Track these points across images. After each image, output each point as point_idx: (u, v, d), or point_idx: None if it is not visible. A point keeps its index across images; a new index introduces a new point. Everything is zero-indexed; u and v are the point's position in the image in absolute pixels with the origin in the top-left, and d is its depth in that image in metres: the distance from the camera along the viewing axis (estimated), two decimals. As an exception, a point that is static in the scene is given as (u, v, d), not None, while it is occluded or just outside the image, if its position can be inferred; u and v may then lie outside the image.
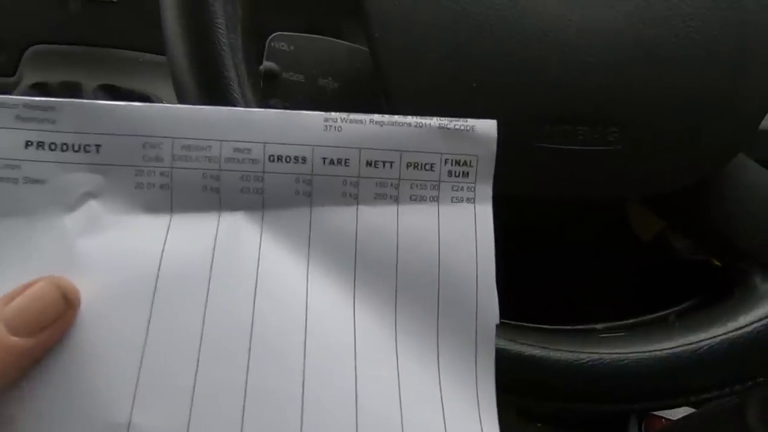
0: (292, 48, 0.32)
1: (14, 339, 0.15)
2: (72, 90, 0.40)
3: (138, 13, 0.38)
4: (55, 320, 0.16)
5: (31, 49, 0.39)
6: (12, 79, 0.40)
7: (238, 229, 0.19)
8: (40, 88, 0.41)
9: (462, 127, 0.20)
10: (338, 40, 0.33)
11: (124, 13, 0.38)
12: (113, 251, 0.18)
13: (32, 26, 0.40)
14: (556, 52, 0.22)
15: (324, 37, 0.33)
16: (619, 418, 0.40)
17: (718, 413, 0.28)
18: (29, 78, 0.40)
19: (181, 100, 0.23)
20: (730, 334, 0.23)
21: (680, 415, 0.38)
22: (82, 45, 0.39)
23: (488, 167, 0.20)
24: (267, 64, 0.31)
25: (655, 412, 0.39)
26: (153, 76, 0.40)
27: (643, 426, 0.40)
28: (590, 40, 0.22)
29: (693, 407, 0.36)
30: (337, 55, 0.33)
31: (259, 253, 0.19)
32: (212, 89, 0.22)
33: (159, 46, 0.24)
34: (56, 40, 0.39)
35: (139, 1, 0.39)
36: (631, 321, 0.27)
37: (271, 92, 0.32)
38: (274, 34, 0.31)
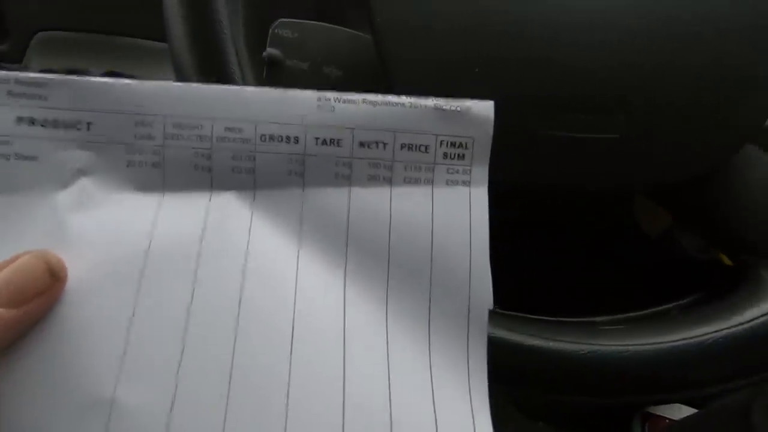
0: (296, 35, 0.32)
1: None
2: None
3: (144, 0, 0.38)
4: (40, 293, 0.16)
5: (38, 35, 0.40)
6: (18, 66, 0.41)
7: (228, 209, 0.19)
8: (48, 75, 0.41)
9: (458, 108, 0.19)
10: (341, 28, 0.32)
11: (130, 0, 0.39)
12: (104, 228, 0.18)
13: (39, 13, 0.40)
14: (559, 35, 0.22)
15: (328, 24, 0.32)
16: (622, 417, 0.39)
17: (722, 413, 0.27)
18: (36, 64, 0.40)
19: (180, 80, 0.23)
20: (735, 329, 0.22)
21: (684, 415, 0.37)
22: (88, 32, 0.40)
23: (484, 150, 0.19)
24: (270, 51, 0.31)
25: (659, 413, 0.39)
26: (159, 63, 0.40)
27: (646, 426, 0.39)
28: (595, 23, 0.22)
29: (697, 406, 0.35)
30: (341, 43, 0.32)
31: (250, 233, 0.19)
32: (211, 69, 0.22)
33: (163, 33, 0.24)
34: (62, 27, 0.39)
35: (145, -11, 0.39)
36: (632, 314, 0.26)
37: (275, 80, 0.31)
38: (277, 21, 0.31)
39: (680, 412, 0.37)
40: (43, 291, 0.16)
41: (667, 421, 0.37)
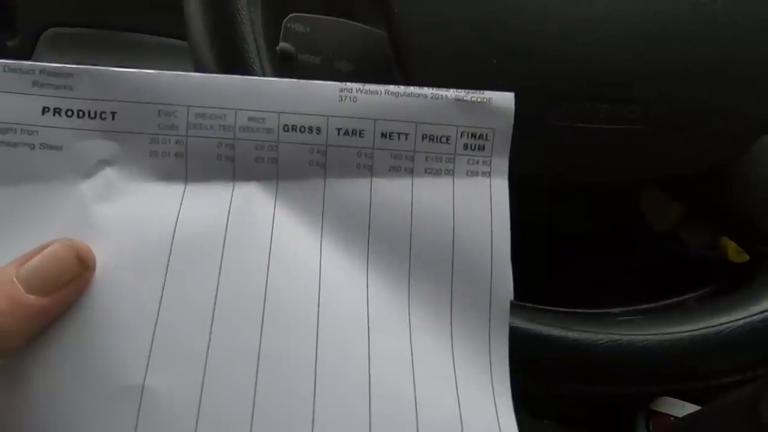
0: (308, 29, 0.32)
1: (30, 297, 0.15)
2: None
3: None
4: (70, 281, 0.16)
5: (47, 32, 0.40)
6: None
7: (252, 199, 0.19)
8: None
9: (479, 99, 0.19)
10: (354, 22, 0.32)
11: (141, -4, 0.39)
12: (129, 218, 0.18)
13: (48, 9, 0.40)
14: (576, 28, 0.22)
15: (340, 19, 0.32)
16: (626, 415, 0.39)
17: (728, 408, 0.27)
18: (45, 60, 0.41)
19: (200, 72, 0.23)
20: (753, 318, 0.22)
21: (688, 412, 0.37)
22: (98, 28, 0.40)
23: (505, 141, 0.20)
24: (283, 45, 0.31)
25: (663, 410, 0.38)
26: (167, 59, 0.40)
27: (650, 424, 0.39)
28: (611, 15, 0.22)
29: (700, 402, 0.35)
30: (352, 37, 0.32)
31: (273, 223, 0.19)
32: (231, 62, 0.22)
33: (173, 30, 0.24)
34: (72, 23, 0.40)
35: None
36: (648, 305, 0.26)
37: (287, 74, 0.31)
38: (290, 15, 0.31)
39: (683, 409, 0.37)
40: (73, 279, 0.16)
41: (672, 418, 0.37)
